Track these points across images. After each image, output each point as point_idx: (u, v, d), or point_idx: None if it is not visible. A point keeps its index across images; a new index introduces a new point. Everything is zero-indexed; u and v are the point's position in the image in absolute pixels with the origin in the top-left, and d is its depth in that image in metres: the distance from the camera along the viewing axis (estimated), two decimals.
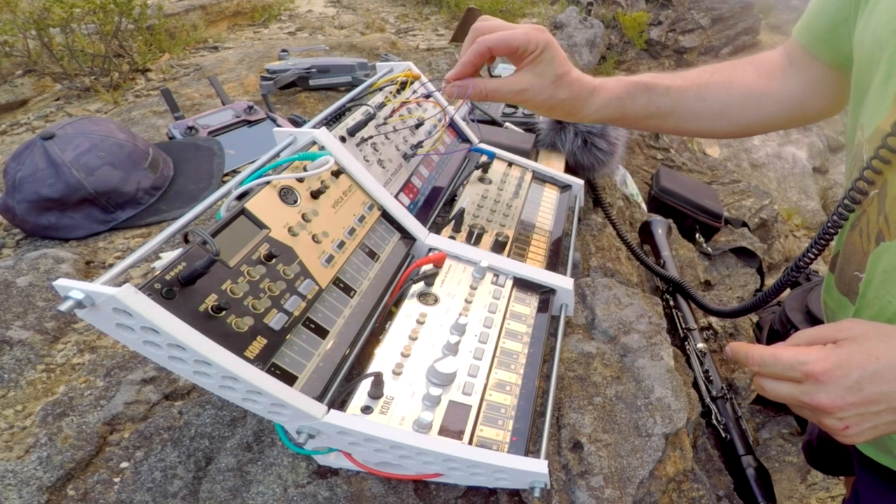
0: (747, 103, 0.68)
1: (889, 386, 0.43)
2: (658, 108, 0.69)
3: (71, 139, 0.92)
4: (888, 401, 0.44)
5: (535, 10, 3.51)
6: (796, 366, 0.46)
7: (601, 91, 0.68)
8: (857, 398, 0.44)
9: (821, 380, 0.45)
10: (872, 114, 0.50)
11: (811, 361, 0.45)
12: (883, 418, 0.45)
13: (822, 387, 0.45)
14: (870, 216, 0.51)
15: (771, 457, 1.42)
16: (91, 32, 1.87)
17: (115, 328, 0.40)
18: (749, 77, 0.68)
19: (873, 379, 0.43)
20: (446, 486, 0.55)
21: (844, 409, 0.45)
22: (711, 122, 0.70)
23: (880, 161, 0.47)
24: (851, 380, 0.44)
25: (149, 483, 0.55)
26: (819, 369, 0.45)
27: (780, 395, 0.48)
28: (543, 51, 0.65)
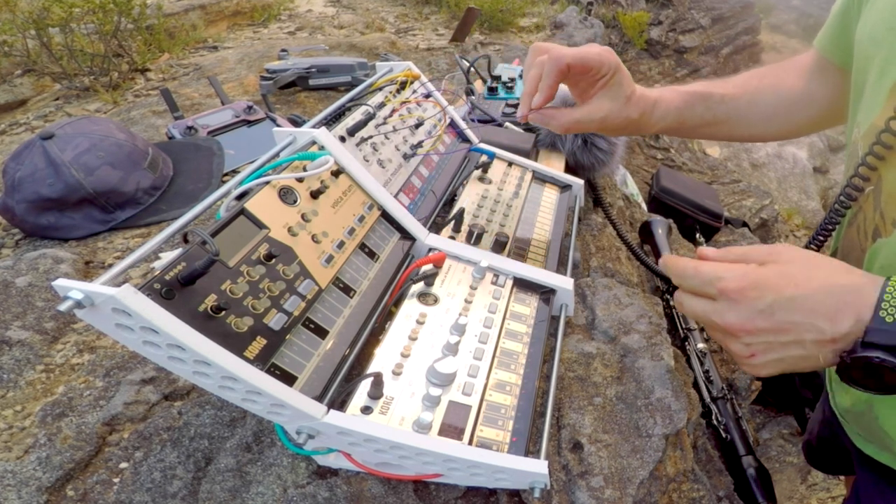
0: (795, 106, 0.70)
1: (801, 316, 0.42)
2: (714, 116, 0.70)
3: (70, 139, 0.92)
4: (798, 332, 0.42)
5: (536, 10, 3.51)
6: (713, 281, 0.45)
7: (661, 103, 0.70)
8: (767, 323, 0.43)
9: (733, 298, 0.44)
10: (867, 111, 0.50)
11: (727, 278, 0.44)
12: (790, 351, 0.43)
13: (733, 306, 0.44)
14: (866, 213, 0.51)
15: (771, 457, 1.42)
16: (90, 32, 1.87)
17: (114, 328, 0.40)
18: (793, 81, 0.70)
19: (787, 305, 0.42)
20: (446, 487, 0.55)
21: (753, 334, 0.43)
22: (763, 126, 0.71)
23: (875, 157, 0.47)
24: (764, 303, 0.42)
25: (148, 483, 0.55)
26: (733, 287, 0.44)
27: (695, 311, 0.47)
28: (615, 73, 0.65)
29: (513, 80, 1.26)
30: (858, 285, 0.41)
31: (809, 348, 0.42)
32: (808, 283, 0.42)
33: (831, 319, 0.41)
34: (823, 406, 0.76)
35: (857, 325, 0.40)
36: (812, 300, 0.42)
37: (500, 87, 1.25)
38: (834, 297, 0.41)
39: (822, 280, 0.42)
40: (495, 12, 2.99)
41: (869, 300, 0.40)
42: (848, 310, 0.41)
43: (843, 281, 0.42)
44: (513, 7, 3.17)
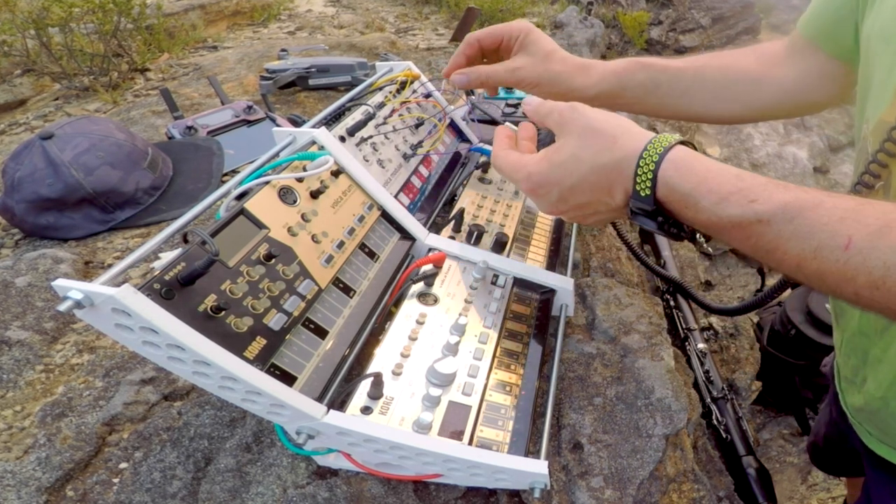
0: (745, 88, 0.69)
1: (586, 196, 0.47)
2: (657, 84, 0.70)
3: (70, 139, 0.92)
4: (592, 206, 0.48)
5: (536, 10, 3.51)
6: (513, 182, 0.52)
7: (596, 66, 0.72)
8: (568, 206, 0.49)
9: (532, 196, 0.50)
10: (876, 106, 0.50)
11: (519, 180, 0.50)
12: (598, 216, 0.49)
13: (537, 199, 0.50)
14: None
15: (771, 457, 1.42)
16: (90, 32, 1.87)
17: (114, 328, 0.40)
18: (749, 63, 0.69)
19: (572, 192, 0.47)
20: (446, 487, 0.55)
21: (565, 213, 0.50)
22: (709, 104, 0.71)
23: (885, 154, 0.47)
24: (555, 195, 0.48)
25: (148, 484, 0.55)
26: (526, 189, 0.50)
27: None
28: (527, 34, 0.71)
29: None
30: (619, 160, 0.45)
31: (610, 213, 0.49)
32: (580, 169, 0.47)
33: (608, 194, 0.46)
34: (830, 407, 0.76)
35: (626, 196, 0.46)
36: (587, 184, 0.47)
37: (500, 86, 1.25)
38: (603, 176, 0.46)
39: (589, 162, 0.47)
40: (495, 12, 2.99)
41: (627, 175, 0.45)
42: (617, 185, 0.46)
43: (606, 158, 0.46)
44: (513, 7, 3.17)
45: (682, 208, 0.43)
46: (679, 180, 0.42)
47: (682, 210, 0.43)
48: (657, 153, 0.43)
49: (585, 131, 0.47)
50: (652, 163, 0.43)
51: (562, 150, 0.48)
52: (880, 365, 0.53)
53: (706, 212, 0.41)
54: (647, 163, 0.43)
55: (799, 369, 1.57)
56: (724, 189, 0.40)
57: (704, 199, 0.41)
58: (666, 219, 0.45)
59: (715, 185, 0.41)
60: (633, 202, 0.45)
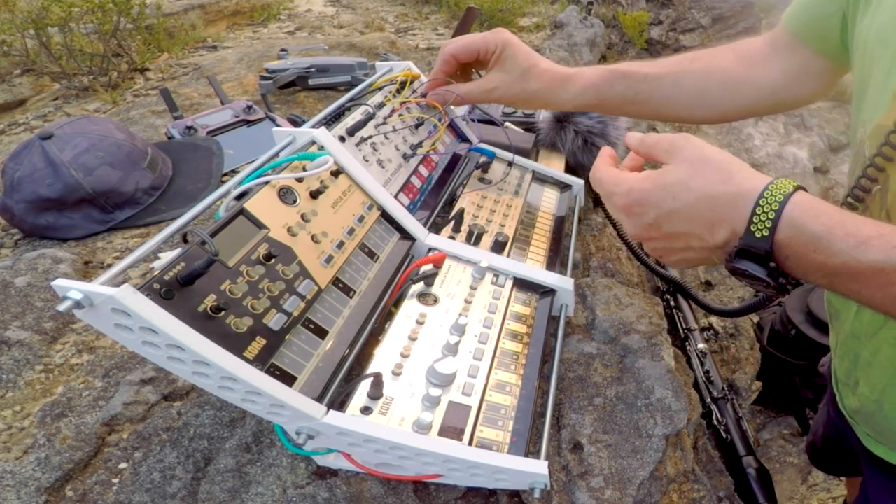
0: (724, 89, 0.69)
1: (683, 226, 0.44)
2: (636, 94, 0.71)
3: (69, 139, 0.92)
4: (685, 239, 0.45)
5: (536, 10, 3.51)
6: (609, 195, 0.49)
7: (576, 79, 0.71)
8: (658, 234, 0.46)
9: (624, 213, 0.47)
10: (873, 110, 0.50)
11: (616, 194, 0.48)
12: (686, 254, 0.46)
13: (626, 218, 0.48)
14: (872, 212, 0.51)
15: (772, 457, 1.42)
16: (90, 32, 1.86)
17: (113, 328, 0.40)
18: (729, 63, 0.69)
19: (669, 218, 0.44)
20: (446, 487, 0.55)
21: (651, 242, 0.47)
22: (689, 108, 0.71)
23: (883, 158, 0.47)
24: (650, 217, 0.45)
25: (147, 484, 0.54)
26: (621, 204, 0.47)
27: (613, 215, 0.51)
28: (504, 49, 0.69)
29: None
30: (734, 195, 0.42)
31: (700, 252, 0.45)
32: (686, 196, 0.44)
33: (709, 230, 0.43)
34: (829, 407, 0.76)
35: (732, 235, 0.42)
36: (689, 212, 0.44)
37: None
38: (710, 209, 0.43)
39: (699, 191, 0.43)
40: (495, 12, 2.99)
41: (743, 213, 0.42)
42: (723, 222, 0.42)
43: (719, 191, 0.43)
44: (513, 7, 3.17)
45: (810, 251, 0.39)
46: (809, 221, 0.39)
47: (807, 254, 0.40)
48: (781, 193, 0.41)
49: (699, 161, 0.45)
50: (775, 202, 0.40)
51: (669, 173, 0.45)
52: (871, 368, 0.54)
53: (842, 255, 0.38)
54: (769, 202, 0.41)
55: (799, 369, 1.58)
56: (863, 233, 0.38)
57: (841, 241, 0.38)
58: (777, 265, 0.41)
59: (853, 229, 0.38)
60: (744, 241, 0.41)
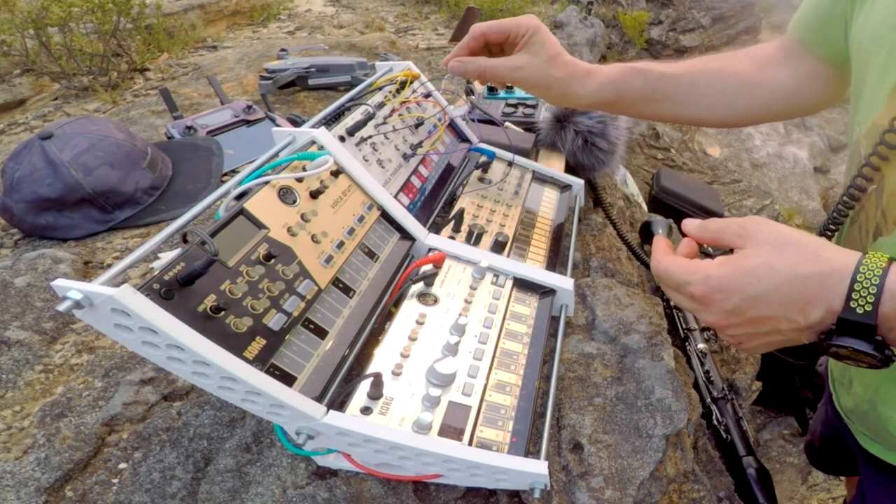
0: (741, 92, 0.69)
1: (770, 310, 0.42)
2: (653, 92, 0.71)
3: (69, 139, 0.92)
4: (772, 323, 0.43)
5: (536, 10, 3.51)
6: (682, 285, 0.46)
7: (597, 74, 0.71)
8: (741, 319, 0.44)
9: (703, 303, 0.45)
10: (868, 109, 0.50)
11: (693, 283, 0.45)
12: (771, 337, 0.44)
13: (705, 308, 0.45)
14: (868, 211, 0.51)
15: (772, 458, 1.42)
16: (89, 32, 1.86)
17: (113, 328, 0.40)
18: (744, 66, 0.69)
19: (754, 303, 0.42)
20: (446, 487, 0.55)
21: (731, 328, 0.45)
22: (706, 109, 0.71)
23: (878, 157, 0.47)
24: (732, 303, 0.43)
25: (147, 484, 0.54)
26: (699, 292, 0.45)
27: (682, 306, 0.49)
28: (534, 33, 0.69)
29: None
30: (826, 273, 0.41)
31: (788, 334, 0.43)
32: (772, 279, 0.42)
33: (801, 311, 0.41)
34: (826, 406, 0.76)
35: (828, 314, 0.40)
36: (778, 295, 0.42)
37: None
38: (801, 289, 0.41)
39: (786, 272, 0.42)
40: (495, 12, 2.99)
41: (839, 290, 0.40)
42: (817, 301, 0.41)
43: (808, 270, 0.41)
44: (513, 6, 3.17)
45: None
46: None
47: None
48: (878, 267, 0.39)
49: (779, 242, 0.43)
50: (874, 276, 0.39)
51: (750, 257, 0.44)
52: None
53: None
54: (867, 276, 0.39)
55: (799, 369, 1.57)
56: None
57: None
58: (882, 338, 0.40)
59: None
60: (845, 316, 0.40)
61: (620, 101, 0.72)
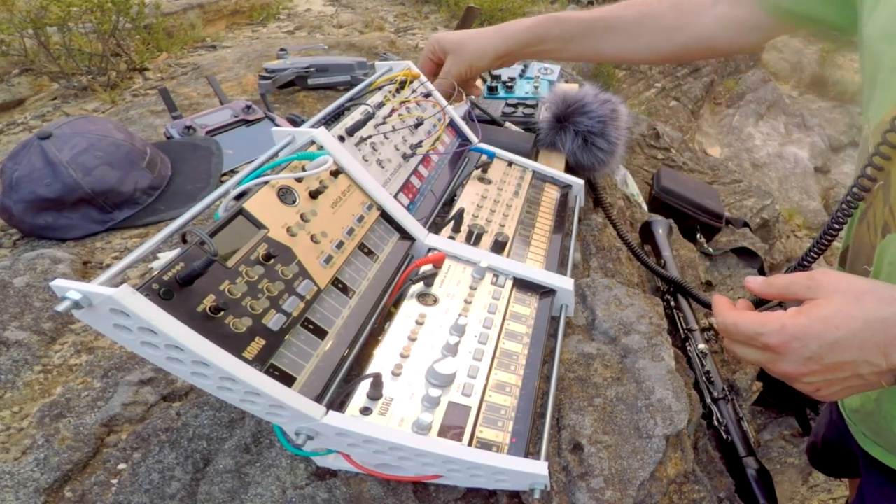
0: (658, 36, 0.76)
1: (850, 354, 0.42)
2: (571, 36, 0.80)
3: (68, 139, 0.91)
4: (852, 368, 0.42)
5: (536, 9, 3.51)
6: (755, 336, 0.46)
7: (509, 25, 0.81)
8: (819, 366, 0.43)
9: (779, 352, 0.44)
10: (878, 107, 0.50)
11: (767, 333, 0.44)
12: (851, 382, 0.44)
13: (780, 358, 0.44)
14: (876, 208, 0.51)
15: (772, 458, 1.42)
16: (88, 31, 1.86)
17: (112, 329, 0.39)
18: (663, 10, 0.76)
19: (833, 349, 0.42)
20: (446, 488, 0.55)
21: (809, 376, 0.44)
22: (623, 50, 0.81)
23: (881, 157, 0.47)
24: (810, 350, 0.43)
25: (146, 485, 0.54)
26: (775, 342, 0.44)
27: (749, 359, 0.48)
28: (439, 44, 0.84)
29: (513, 79, 1.26)
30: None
31: (869, 378, 0.43)
32: (850, 324, 0.42)
33: (883, 354, 0.41)
34: (830, 408, 0.76)
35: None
36: (858, 339, 0.41)
37: (500, 86, 1.25)
38: (880, 332, 0.41)
39: (864, 317, 0.42)
40: (495, 11, 2.99)
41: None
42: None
43: (886, 313, 0.41)
44: (512, 6, 3.16)
45: None
46: None
47: None
48: None
49: (852, 290, 0.43)
50: None
51: (824, 306, 0.43)
52: None
53: None
54: None
55: None
56: None
57: None
58: None
59: None
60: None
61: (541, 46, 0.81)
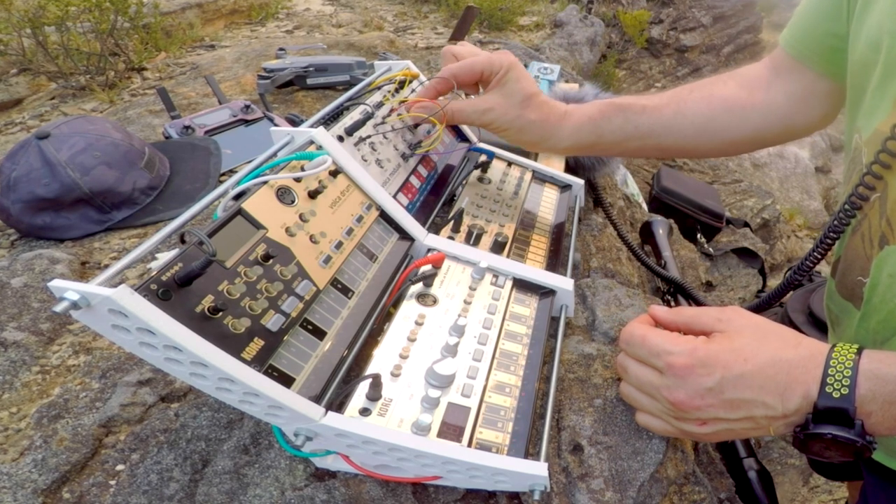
0: (730, 117, 0.65)
1: (750, 393, 0.41)
2: (636, 127, 0.66)
3: (66, 138, 0.91)
4: (748, 408, 0.42)
5: (535, 8, 3.51)
6: (661, 354, 0.44)
7: (573, 114, 0.66)
8: (716, 400, 0.42)
9: (681, 375, 0.43)
10: (870, 116, 0.49)
11: (676, 353, 0.43)
12: (741, 424, 0.43)
13: (681, 382, 0.43)
14: (871, 220, 0.50)
15: (773, 459, 1.42)
16: (87, 31, 1.86)
17: (110, 329, 0.39)
18: (730, 90, 0.65)
19: (736, 383, 0.41)
20: (445, 489, 0.55)
21: (702, 409, 0.43)
22: (694, 139, 0.66)
23: (880, 165, 0.46)
24: (713, 380, 0.42)
25: (145, 486, 0.54)
26: (682, 363, 0.43)
27: (640, 381, 0.46)
28: (508, 71, 0.64)
29: None
30: (805, 358, 0.41)
31: (760, 422, 0.42)
32: (757, 359, 0.41)
33: (781, 396, 0.41)
34: None
35: (805, 401, 0.40)
36: (761, 377, 0.41)
37: None
38: (783, 373, 0.41)
39: (770, 354, 0.41)
40: (495, 11, 2.98)
41: (815, 374, 0.40)
42: (796, 386, 0.40)
43: (790, 355, 0.41)
44: (512, 6, 3.16)
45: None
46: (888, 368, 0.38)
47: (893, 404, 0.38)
48: (851, 351, 0.39)
49: (761, 329, 0.43)
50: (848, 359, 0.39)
51: (735, 338, 0.43)
52: None
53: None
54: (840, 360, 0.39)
55: None
56: None
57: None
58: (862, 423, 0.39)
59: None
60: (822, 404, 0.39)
61: (601, 141, 0.67)
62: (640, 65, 4.80)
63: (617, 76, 4.38)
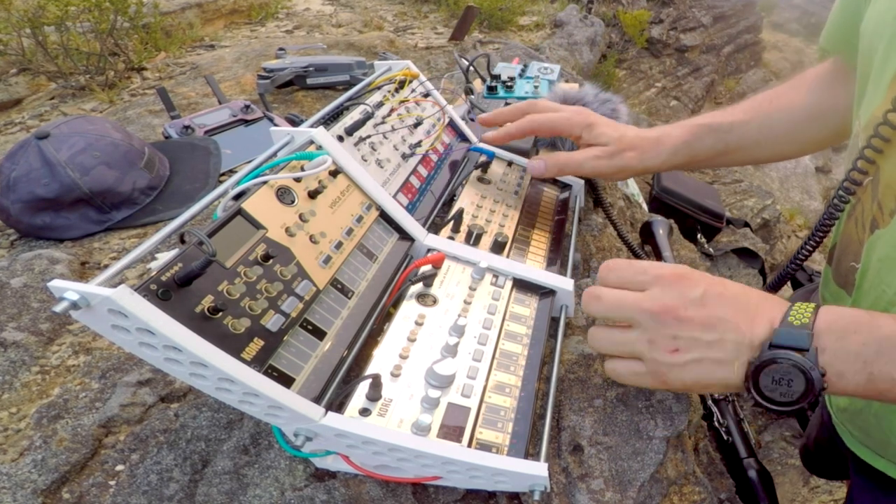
0: (813, 122, 0.69)
1: (728, 312, 0.44)
2: (726, 145, 0.71)
3: (66, 138, 0.91)
4: (722, 329, 0.44)
5: (536, 8, 3.50)
6: (649, 269, 0.48)
7: (666, 139, 0.72)
8: (698, 314, 0.44)
9: (668, 282, 0.46)
10: (869, 102, 0.50)
11: (664, 267, 0.48)
12: (711, 352, 0.44)
13: (668, 289, 0.46)
14: (864, 204, 0.51)
15: (773, 459, 1.42)
16: (86, 31, 1.86)
17: (110, 330, 0.39)
18: (803, 98, 0.70)
19: (717, 300, 0.44)
20: (445, 489, 0.54)
21: (683, 322, 0.44)
22: (782, 146, 0.72)
23: (873, 150, 0.47)
24: (698, 292, 0.45)
25: (144, 486, 0.54)
26: (669, 272, 0.47)
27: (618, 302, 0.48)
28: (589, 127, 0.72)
29: (512, 79, 1.26)
30: (772, 299, 0.46)
31: (729, 351, 0.44)
32: (731, 288, 0.46)
33: (751, 321, 0.44)
34: (822, 409, 0.76)
35: (769, 330, 0.43)
36: (737, 301, 0.45)
37: (499, 86, 1.25)
38: (752, 303, 0.45)
39: (740, 289, 0.46)
40: (495, 10, 2.98)
41: (781, 309, 0.44)
42: (764, 314, 0.44)
43: (758, 294, 0.46)
44: (512, 6, 3.16)
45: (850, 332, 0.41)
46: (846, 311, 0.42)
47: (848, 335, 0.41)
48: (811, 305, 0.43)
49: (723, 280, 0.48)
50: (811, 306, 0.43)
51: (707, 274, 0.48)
52: None
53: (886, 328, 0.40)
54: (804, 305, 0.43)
55: None
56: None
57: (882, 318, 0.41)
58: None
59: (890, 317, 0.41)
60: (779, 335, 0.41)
61: (694, 161, 0.73)
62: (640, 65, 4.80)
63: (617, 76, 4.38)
